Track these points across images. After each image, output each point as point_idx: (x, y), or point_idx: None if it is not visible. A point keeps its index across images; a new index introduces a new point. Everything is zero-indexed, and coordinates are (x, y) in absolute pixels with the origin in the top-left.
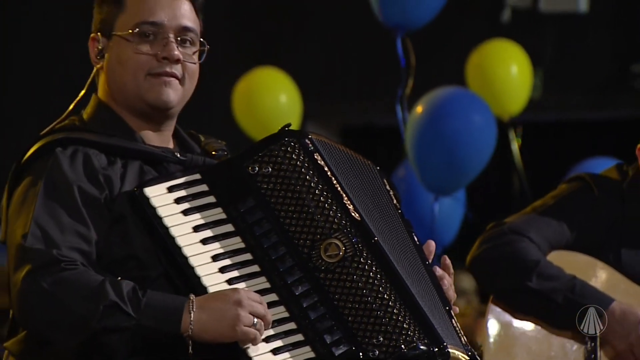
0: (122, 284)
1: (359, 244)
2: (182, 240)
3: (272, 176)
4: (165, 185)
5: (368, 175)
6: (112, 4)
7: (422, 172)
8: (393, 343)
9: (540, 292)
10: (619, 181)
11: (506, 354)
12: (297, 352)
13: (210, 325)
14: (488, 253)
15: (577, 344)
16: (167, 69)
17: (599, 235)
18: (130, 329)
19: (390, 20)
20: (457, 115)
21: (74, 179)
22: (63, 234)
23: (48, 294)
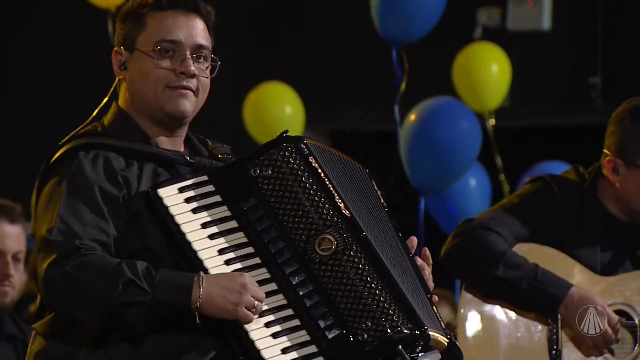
0: (136, 264)
1: (349, 239)
2: (192, 235)
3: (271, 178)
4: (176, 187)
5: (358, 177)
6: (135, 22)
7: (412, 173)
8: (380, 327)
9: (507, 279)
10: (577, 182)
11: (478, 336)
12: (294, 335)
13: (216, 300)
14: (460, 246)
15: (541, 325)
16: (184, 82)
17: (559, 230)
18: (146, 303)
19: (388, 33)
20: (446, 122)
21: (95, 179)
22: (85, 227)
23: (71, 277)
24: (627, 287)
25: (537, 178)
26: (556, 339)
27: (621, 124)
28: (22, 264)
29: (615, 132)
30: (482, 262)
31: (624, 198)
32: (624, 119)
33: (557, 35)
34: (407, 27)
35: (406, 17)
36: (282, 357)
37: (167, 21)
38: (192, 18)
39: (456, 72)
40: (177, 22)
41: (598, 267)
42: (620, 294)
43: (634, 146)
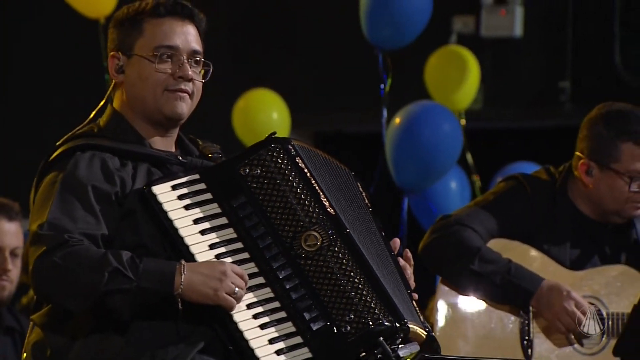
0: (121, 253)
1: (334, 235)
2: (184, 231)
3: (260, 177)
4: (170, 184)
5: (343, 177)
6: (132, 28)
7: (396, 173)
8: (362, 320)
9: (481, 273)
10: (549, 182)
11: (453, 327)
12: (281, 327)
13: (197, 287)
14: (437, 241)
15: (514, 317)
16: (181, 86)
17: (530, 227)
18: (131, 290)
19: (376, 40)
20: (429, 125)
21: (88, 179)
22: (75, 223)
23: (60, 267)
24: (595, 282)
25: (511, 177)
26: (528, 330)
27: (594, 128)
28: (19, 259)
29: (589, 137)
30: (458, 257)
31: (596, 199)
32: (597, 123)
33: (528, 42)
34: (395, 35)
35: (394, 25)
36: (269, 347)
37: (165, 27)
38: (186, 24)
39: (428, 74)
40: (173, 29)
41: (568, 262)
42: (589, 287)
43: (607, 150)
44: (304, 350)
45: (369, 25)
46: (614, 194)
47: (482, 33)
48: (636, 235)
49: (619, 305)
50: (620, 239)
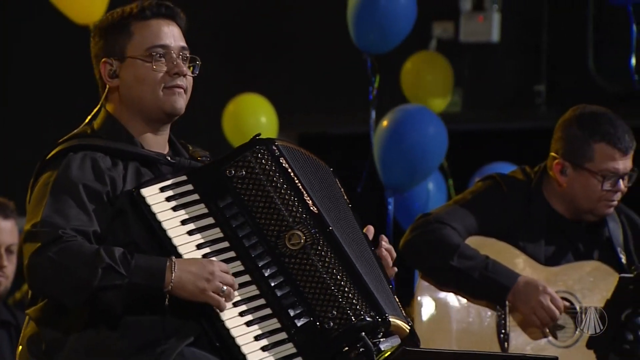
0: (114, 250)
1: (317, 234)
2: (172, 232)
3: (245, 178)
4: (158, 186)
5: (324, 174)
6: (120, 33)
7: (383, 173)
8: (345, 316)
9: (460, 269)
10: (524, 181)
11: (433, 321)
12: (266, 323)
13: (187, 285)
14: (417, 238)
15: (491, 311)
16: (178, 82)
17: (507, 225)
18: (123, 286)
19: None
20: (415, 128)
21: (80, 178)
22: (68, 221)
23: (54, 262)
24: (569, 277)
25: (488, 177)
26: (504, 324)
27: (569, 129)
28: (14, 255)
29: (563, 138)
30: (437, 253)
31: (570, 198)
32: (571, 125)
33: (505, 47)
34: (381, 39)
35: (381, 30)
36: (255, 343)
37: (153, 28)
38: (171, 24)
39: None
40: (161, 29)
41: (542, 259)
42: (563, 283)
43: (581, 151)
44: (289, 345)
45: (356, 30)
46: (588, 193)
47: (460, 38)
48: (608, 233)
49: (592, 299)
50: (593, 236)
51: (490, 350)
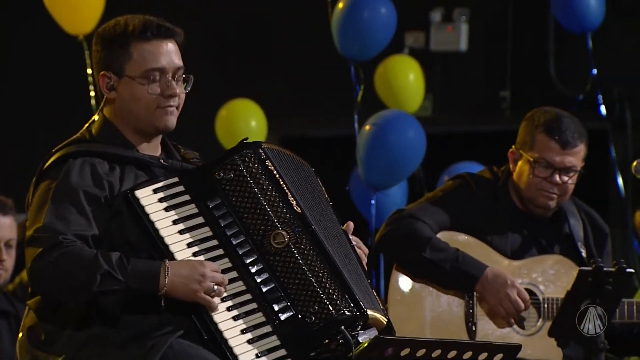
0: (111, 255)
1: (300, 233)
2: (164, 231)
3: (233, 180)
4: (151, 188)
5: (307, 174)
6: (120, 50)
7: (366, 173)
8: (326, 310)
9: (432, 261)
10: (492, 180)
11: (406, 310)
12: (251, 317)
13: (179, 288)
14: (392, 232)
15: (460, 300)
16: (171, 102)
17: (474, 220)
18: (120, 290)
19: (347, 52)
20: (396, 131)
21: (80, 184)
22: (68, 226)
23: (55, 266)
24: (533, 270)
25: (458, 176)
26: (472, 313)
27: (524, 122)
28: (13, 249)
29: (520, 131)
30: (411, 246)
31: (519, 187)
32: (526, 118)
33: (472, 55)
34: (364, 47)
35: (363, 39)
36: (241, 337)
37: (152, 50)
38: (169, 43)
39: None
40: (160, 50)
41: (509, 252)
42: (527, 275)
43: (527, 140)
44: (273, 338)
45: (341, 40)
46: (527, 180)
47: (431, 47)
48: (569, 229)
49: (553, 291)
50: (554, 232)
51: (459, 337)
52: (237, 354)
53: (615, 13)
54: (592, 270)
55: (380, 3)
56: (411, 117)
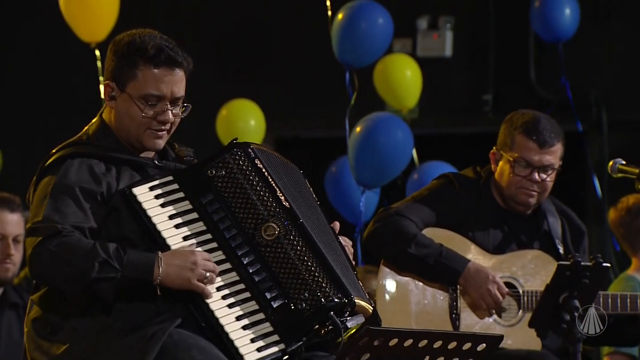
0: (108, 245)
1: (289, 226)
2: (161, 226)
3: (225, 177)
4: (147, 186)
5: (294, 174)
6: (127, 68)
7: (357, 172)
8: (315, 297)
9: (417, 256)
10: (475, 179)
11: (393, 303)
12: (245, 305)
13: (173, 277)
14: (379, 229)
15: (444, 294)
16: (162, 127)
17: (458, 218)
18: (116, 279)
19: (344, 59)
20: (385, 132)
21: (77, 181)
22: (66, 217)
23: (55, 254)
24: (513, 264)
25: (442, 175)
26: (456, 305)
27: (504, 124)
28: (21, 245)
29: (500, 132)
30: (397, 242)
31: (500, 186)
32: (506, 120)
33: (456, 61)
34: (361, 55)
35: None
36: (236, 323)
37: (156, 77)
38: (175, 71)
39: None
40: (163, 79)
41: (490, 248)
42: (508, 269)
43: (507, 140)
44: (266, 324)
45: (339, 47)
46: (508, 179)
47: (418, 53)
48: (547, 226)
49: (533, 284)
50: (533, 228)
51: (443, 328)
52: (233, 339)
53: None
54: (571, 264)
55: (377, 14)
56: (399, 119)
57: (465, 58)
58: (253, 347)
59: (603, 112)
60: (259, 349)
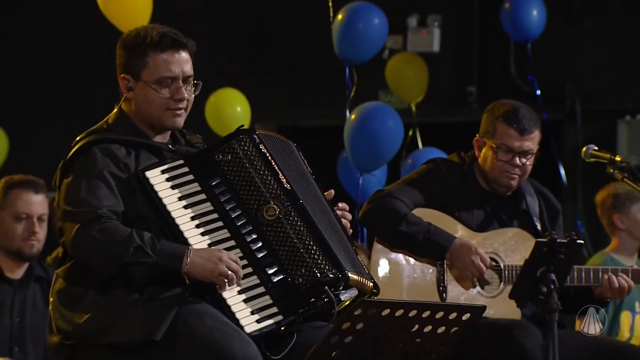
0: (143, 234)
1: (289, 207)
2: (171, 206)
3: (231, 162)
4: (160, 169)
5: (292, 153)
6: (138, 58)
7: (353, 157)
8: (312, 273)
9: (408, 233)
10: (459, 164)
11: (386, 276)
12: (247, 280)
13: (198, 268)
14: (373, 210)
15: (432, 268)
16: (179, 105)
17: (445, 199)
18: (148, 264)
19: (344, 55)
20: (378, 120)
21: (104, 166)
22: (101, 201)
23: (95, 239)
24: (495, 241)
25: (430, 160)
26: (443, 278)
27: (486, 113)
28: (45, 223)
29: (483, 121)
30: (389, 221)
31: (484, 170)
32: (488, 110)
33: (444, 56)
34: (359, 52)
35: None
36: (239, 296)
37: (166, 60)
38: (182, 53)
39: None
40: (173, 60)
41: (474, 226)
42: (490, 245)
43: (489, 129)
44: (266, 297)
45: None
46: (491, 164)
47: (408, 48)
48: (526, 206)
49: (513, 259)
50: (513, 208)
51: (432, 299)
52: (234, 311)
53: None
54: (548, 241)
55: (373, 14)
56: (391, 108)
57: (451, 53)
58: (253, 318)
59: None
60: (258, 320)
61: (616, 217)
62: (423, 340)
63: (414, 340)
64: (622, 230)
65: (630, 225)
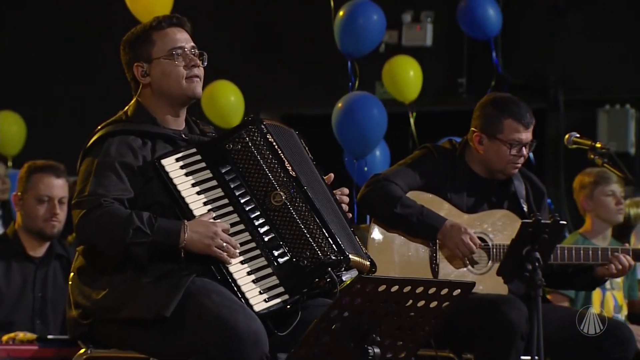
0: (142, 214)
1: (295, 193)
2: (185, 192)
3: (241, 151)
4: (174, 157)
5: (295, 141)
6: (145, 42)
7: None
8: (316, 255)
9: (402, 215)
10: (451, 150)
11: (382, 256)
12: (255, 261)
13: (195, 242)
14: (370, 193)
15: (425, 247)
16: (195, 71)
17: (437, 183)
18: (147, 243)
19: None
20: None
21: (117, 156)
22: (108, 191)
23: (98, 223)
24: (484, 222)
25: (423, 146)
26: (435, 257)
27: (485, 109)
28: (65, 205)
29: (481, 116)
30: (385, 204)
31: (486, 161)
32: (487, 106)
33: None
34: (359, 46)
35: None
36: (248, 277)
37: (170, 35)
38: (182, 30)
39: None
40: (176, 34)
41: (465, 208)
42: (479, 226)
43: (494, 125)
44: (273, 278)
45: (341, 38)
46: (499, 157)
47: (403, 43)
48: (514, 189)
49: (501, 239)
50: (502, 191)
51: (425, 277)
52: (244, 291)
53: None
54: (533, 222)
55: (372, 11)
56: (375, 97)
57: (443, 47)
58: (261, 298)
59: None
60: (266, 299)
61: (583, 199)
62: (417, 314)
63: (408, 314)
64: (590, 211)
65: (595, 207)
